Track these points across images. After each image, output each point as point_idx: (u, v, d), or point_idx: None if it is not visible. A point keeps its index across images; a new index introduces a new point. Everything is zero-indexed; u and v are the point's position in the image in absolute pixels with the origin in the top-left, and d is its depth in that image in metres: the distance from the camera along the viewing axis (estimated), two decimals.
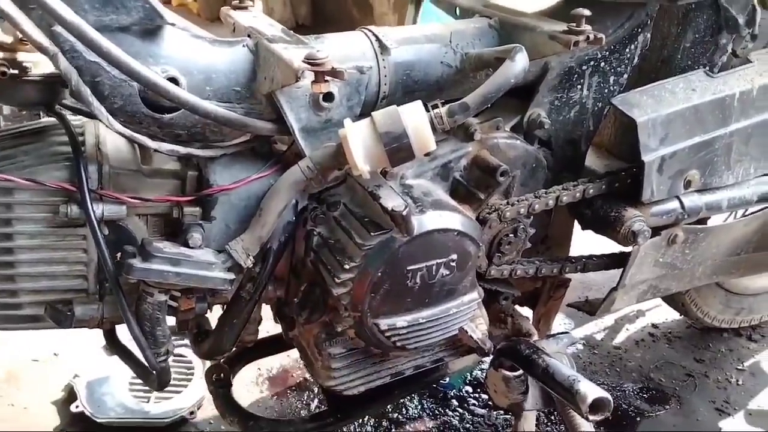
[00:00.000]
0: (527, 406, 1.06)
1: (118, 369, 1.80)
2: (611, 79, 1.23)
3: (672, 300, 1.75)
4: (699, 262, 1.35)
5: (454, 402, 1.69)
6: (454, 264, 0.99)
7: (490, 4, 1.20)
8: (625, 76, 1.24)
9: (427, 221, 0.96)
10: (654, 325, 1.93)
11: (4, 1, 0.71)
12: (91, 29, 0.76)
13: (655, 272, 1.29)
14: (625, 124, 1.15)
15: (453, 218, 0.99)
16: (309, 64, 0.80)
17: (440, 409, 1.68)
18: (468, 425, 1.63)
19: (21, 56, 0.93)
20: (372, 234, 0.94)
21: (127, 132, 0.85)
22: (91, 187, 0.91)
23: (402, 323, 1.00)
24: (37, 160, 0.93)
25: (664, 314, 1.95)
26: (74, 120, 1.01)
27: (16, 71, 0.92)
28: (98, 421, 1.66)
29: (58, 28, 0.77)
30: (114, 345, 1.12)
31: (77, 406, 1.70)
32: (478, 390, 1.72)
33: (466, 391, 1.72)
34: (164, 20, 0.83)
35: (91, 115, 0.91)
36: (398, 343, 1.02)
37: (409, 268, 0.97)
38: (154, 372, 1.00)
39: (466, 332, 1.08)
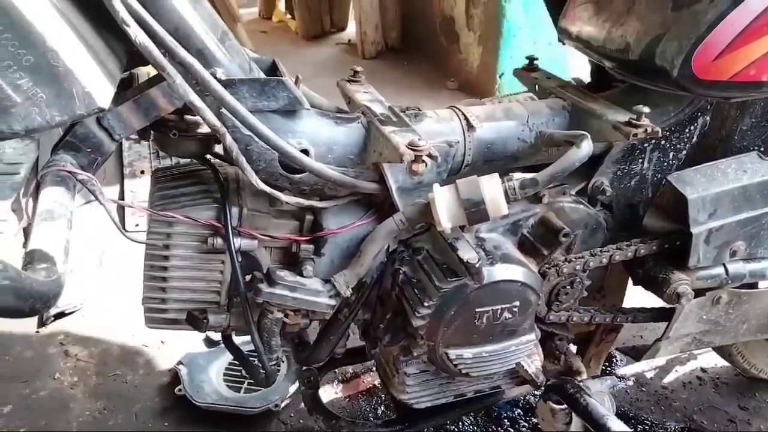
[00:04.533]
0: None
1: (215, 361, 2.09)
2: (671, 154, 1.39)
3: (720, 349, 1.87)
4: (743, 320, 1.48)
5: (506, 422, 1.87)
6: (516, 309, 1.19)
7: (565, 84, 1.38)
8: (684, 152, 1.40)
9: (495, 272, 1.16)
10: (703, 369, 2.04)
11: (192, 95, 0.96)
12: (247, 113, 1.01)
13: (699, 327, 1.44)
14: (678, 198, 1.31)
15: (518, 271, 1.18)
16: (412, 149, 1.02)
17: (493, 427, 1.86)
18: None
19: (187, 117, 1.19)
20: (449, 279, 1.15)
21: (268, 189, 1.09)
22: (233, 224, 1.16)
23: (468, 354, 1.20)
24: (192, 200, 1.19)
25: (713, 359, 2.06)
26: (221, 166, 1.27)
27: (183, 130, 1.18)
28: (197, 404, 1.93)
29: (225, 111, 1.01)
30: (231, 348, 1.37)
31: (180, 390, 1.97)
32: (529, 414, 1.89)
33: (518, 414, 1.90)
34: (302, 105, 1.06)
35: (232, 163, 1.16)
36: (463, 371, 1.22)
37: (477, 309, 1.17)
38: (265, 373, 1.24)
39: (523, 366, 1.28)
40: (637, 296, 1.50)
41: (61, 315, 2.30)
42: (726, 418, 1.87)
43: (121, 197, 2.97)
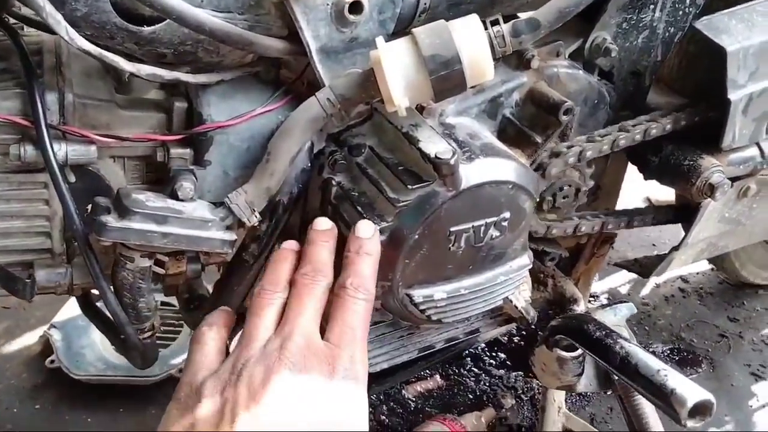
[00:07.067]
0: (580, 389, 0.90)
1: None
2: None
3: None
4: (763, 217, 1.18)
5: (469, 361, 1.55)
6: (505, 224, 0.81)
7: None
8: None
9: (477, 171, 0.77)
10: (684, 280, 1.79)
11: None
12: None
13: (719, 229, 1.13)
14: (696, 54, 0.96)
15: (508, 167, 0.80)
16: None
17: (454, 368, 1.54)
18: (485, 387, 1.49)
19: None
20: (409, 187, 0.75)
21: (95, 50, 0.63)
22: (50, 121, 0.70)
23: (440, 294, 0.82)
24: None
25: (693, 267, 1.80)
26: (29, 35, 0.80)
27: None
28: (76, 377, 1.51)
29: None
30: (89, 312, 0.93)
31: (52, 361, 1.55)
32: (495, 348, 1.57)
33: (482, 350, 1.57)
34: None
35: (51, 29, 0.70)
36: (434, 317, 0.84)
37: (452, 229, 0.78)
38: (136, 349, 0.82)
39: (511, 302, 0.92)
40: None
41: None
42: (716, 333, 1.63)
43: None
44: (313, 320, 0.64)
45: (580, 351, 0.87)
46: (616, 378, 0.83)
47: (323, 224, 0.72)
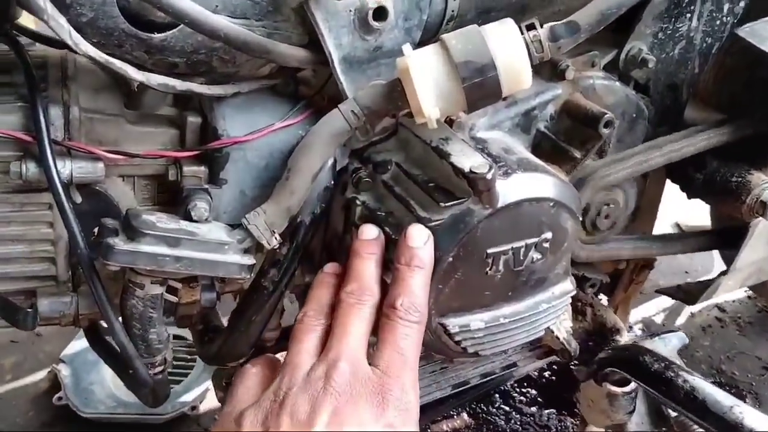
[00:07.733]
0: (631, 428, 0.82)
1: None
2: (726, 7, 0.96)
3: None
4: None
5: (498, 398, 1.47)
6: (547, 245, 0.74)
7: None
8: (742, 3, 0.98)
9: (514, 187, 0.71)
10: (720, 309, 1.69)
11: None
12: None
13: (767, 252, 1.05)
14: (733, 66, 0.92)
15: (548, 183, 0.73)
16: None
17: (482, 406, 1.45)
18: (516, 426, 1.41)
19: None
20: (442, 205, 0.69)
21: (101, 56, 0.58)
22: (54, 137, 0.65)
23: (478, 324, 0.75)
24: None
25: (729, 295, 1.72)
26: (34, 49, 0.75)
27: None
28: (84, 416, 1.45)
29: None
30: (98, 345, 0.87)
31: (60, 398, 1.48)
32: (525, 384, 1.49)
33: (511, 386, 1.49)
34: None
35: (58, 43, 0.66)
36: (470, 349, 0.77)
37: (489, 251, 0.72)
38: (146, 386, 0.75)
39: (552, 332, 0.84)
40: None
41: None
42: (759, 365, 1.53)
43: None
44: (359, 344, 0.59)
45: (632, 386, 0.80)
46: (674, 415, 0.75)
47: (370, 233, 0.68)
